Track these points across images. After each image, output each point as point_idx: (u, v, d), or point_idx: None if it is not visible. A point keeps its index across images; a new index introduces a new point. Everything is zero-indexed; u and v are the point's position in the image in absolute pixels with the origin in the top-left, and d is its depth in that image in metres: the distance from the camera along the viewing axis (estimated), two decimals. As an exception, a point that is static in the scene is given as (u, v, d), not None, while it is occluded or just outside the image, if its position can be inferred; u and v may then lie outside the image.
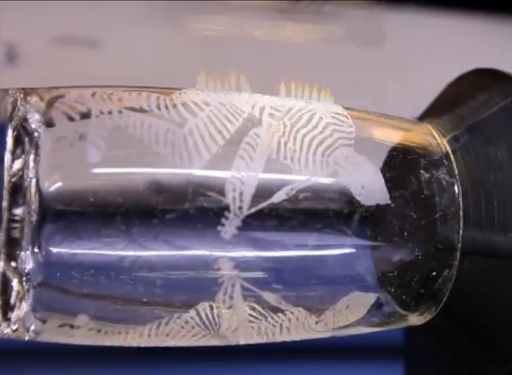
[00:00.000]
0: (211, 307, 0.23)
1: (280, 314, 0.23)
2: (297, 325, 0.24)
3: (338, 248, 0.23)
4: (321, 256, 0.23)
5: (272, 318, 0.23)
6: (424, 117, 0.29)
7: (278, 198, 0.22)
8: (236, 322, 0.23)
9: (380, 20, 0.35)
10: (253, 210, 0.22)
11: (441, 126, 0.26)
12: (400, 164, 0.24)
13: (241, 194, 0.22)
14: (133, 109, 0.22)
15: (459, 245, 0.24)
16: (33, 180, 0.21)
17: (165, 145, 0.22)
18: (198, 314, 0.23)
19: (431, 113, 0.29)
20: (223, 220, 0.22)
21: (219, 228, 0.22)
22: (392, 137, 0.25)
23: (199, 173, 0.22)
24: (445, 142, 0.25)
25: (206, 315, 0.23)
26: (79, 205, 0.21)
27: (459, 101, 0.27)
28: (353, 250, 0.23)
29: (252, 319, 0.23)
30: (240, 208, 0.22)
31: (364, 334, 0.25)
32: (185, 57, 0.33)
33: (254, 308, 0.23)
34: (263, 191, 0.22)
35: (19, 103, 0.22)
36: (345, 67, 0.35)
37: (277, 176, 0.22)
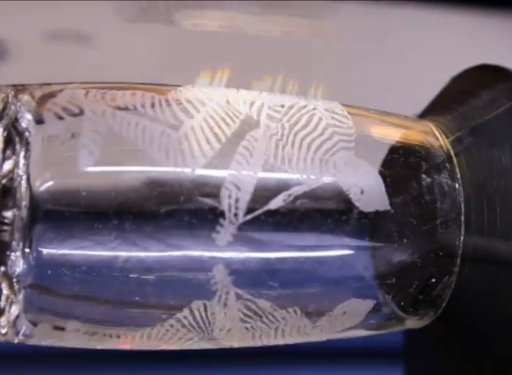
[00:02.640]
0: (205, 308, 0.22)
1: (275, 320, 0.23)
2: (292, 330, 0.23)
3: (336, 255, 0.22)
4: (318, 263, 0.22)
5: (267, 322, 0.23)
6: (426, 113, 0.28)
7: (275, 204, 0.21)
8: (230, 326, 0.23)
9: (380, 16, 0.35)
10: (249, 217, 0.21)
11: (444, 126, 0.26)
12: (401, 167, 0.24)
13: (237, 200, 0.21)
14: (127, 110, 0.22)
15: (459, 252, 0.24)
16: (24, 179, 0.21)
17: (160, 150, 0.21)
18: (191, 313, 0.22)
19: (434, 110, 0.28)
20: (218, 228, 0.21)
21: (214, 235, 0.21)
22: (394, 139, 0.24)
23: (194, 178, 0.21)
24: (447, 143, 0.25)
25: (200, 314, 0.22)
26: (70, 205, 0.21)
27: (463, 99, 0.27)
28: (352, 257, 0.23)
29: (246, 321, 0.23)
30: (236, 215, 0.21)
31: (363, 337, 0.25)
32: (180, 53, 0.32)
33: (248, 314, 0.22)
34: (259, 198, 0.21)
35: (10, 101, 0.22)
36: (344, 63, 0.34)
37: (274, 181, 0.22)
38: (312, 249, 0.22)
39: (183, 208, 0.21)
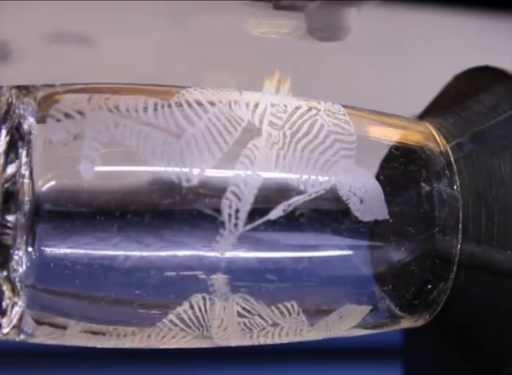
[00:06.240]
0: (205, 304, 0.22)
1: (272, 322, 0.23)
2: (289, 331, 0.24)
3: (335, 263, 0.23)
4: (317, 272, 0.22)
5: (264, 322, 0.23)
6: (428, 113, 0.28)
7: (274, 214, 0.22)
8: (228, 324, 0.23)
9: (381, 17, 0.35)
10: (248, 227, 0.21)
11: (445, 129, 0.26)
12: (401, 175, 0.24)
13: (237, 210, 0.21)
14: (129, 117, 0.22)
15: (456, 259, 0.24)
16: (27, 178, 0.21)
17: (162, 159, 0.21)
18: (191, 308, 0.22)
19: (435, 110, 0.28)
20: (218, 237, 0.21)
21: (213, 245, 0.21)
22: (395, 146, 0.24)
23: (195, 188, 0.21)
24: (448, 149, 0.25)
25: (199, 308, 0.23)
26: (72, 204, 0.21)
27: (464, 102, 0.27)
28: (350, 264, 0.23)
29: (244, 316, 0.23)
30: (236, 225, 0.21)
31: (362, 336, 0.25)
32: (181, 54, 0.32)
33: (245, 316, 0.23)
34: (259, 208, 0.22)
35: (13, 102, 0.22)
36: (345, 63, 0.34)
37: (274, 191, 0.22)
38: (311, 257, 0.22)
39: (182, 218, 0.21)
